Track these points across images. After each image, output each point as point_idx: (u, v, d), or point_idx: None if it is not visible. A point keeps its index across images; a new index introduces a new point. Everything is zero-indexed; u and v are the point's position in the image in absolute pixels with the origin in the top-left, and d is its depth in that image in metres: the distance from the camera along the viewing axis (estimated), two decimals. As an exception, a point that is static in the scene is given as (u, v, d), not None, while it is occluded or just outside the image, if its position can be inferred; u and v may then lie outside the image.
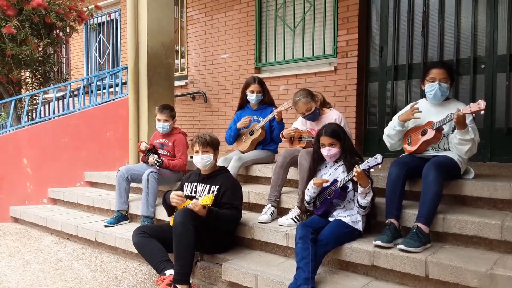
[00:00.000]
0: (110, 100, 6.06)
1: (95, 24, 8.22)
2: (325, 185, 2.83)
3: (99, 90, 6.56)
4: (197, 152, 3.10)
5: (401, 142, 3.06)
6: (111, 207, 4.30)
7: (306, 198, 2.88)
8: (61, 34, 7.00)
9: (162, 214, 3.75)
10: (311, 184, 2.83)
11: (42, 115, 6.42)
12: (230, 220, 3.01)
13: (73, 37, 7.88)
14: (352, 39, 5.12)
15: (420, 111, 2.88)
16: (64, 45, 7.98)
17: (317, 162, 2.95)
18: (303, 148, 3.44)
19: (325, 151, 2.83)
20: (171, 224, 2.97)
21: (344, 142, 2.84)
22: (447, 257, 2.37)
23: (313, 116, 3.50)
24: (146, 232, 3.02)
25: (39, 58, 6.70)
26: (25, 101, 6.36)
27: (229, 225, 3.05)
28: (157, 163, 3.91)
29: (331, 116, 3.49)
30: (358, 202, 2.69)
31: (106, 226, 3.94)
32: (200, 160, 3.08)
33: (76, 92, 6.92)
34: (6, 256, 3.74)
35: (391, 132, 3.03)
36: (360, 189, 2.64)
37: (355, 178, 2.61)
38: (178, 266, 2.69)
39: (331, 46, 5.36)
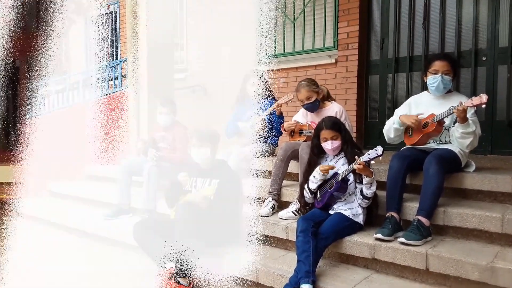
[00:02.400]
0: (110, 93, 6.03)
1: (94, 16, 8.16)
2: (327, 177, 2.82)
3: (99, 83, 6.52)
4: (197, 146, 3.09)
5: (399, 138, 3.07)
6: (112, 201, 4.29)
7: (312, 186, 2.82)
8: (60, 26, 6.95)
9: (162, 207, 3.75)
10: (317, 171, 2.80)
11: (41, 108, 6.39)
12: None
13: (72, 29, 7.82)
14: (353, 31, 5.08)
15: (422, 114, 2.87)
16: (63, 37, 7.93)
17: (317, 157, 2.94)
18: (304, 141, 3.43)
19: (328, 145, 2.81)
20: (171, 217, 2.97)
21: (344, 134, 2.84)
22: (448, 250, 2.38)
23: (312, 106, 3.49)
24: (146, 226, 3.02)
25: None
26: (24, 94, 6.35)
27: None
28: (157, 157, 3.89)
29: (332, 109, 3.48)
30: (362, 193, 2.68)
31: (105, 220, 3.94)
32: (200, 154, 3.08)
33: (75, 85, 6.88)
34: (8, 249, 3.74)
35: (390, 126, 3.03)
36: (365, 179, 2.63)
37: (357, 171, 2.60)
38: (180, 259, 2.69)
39: (332, 38, 5.33)
